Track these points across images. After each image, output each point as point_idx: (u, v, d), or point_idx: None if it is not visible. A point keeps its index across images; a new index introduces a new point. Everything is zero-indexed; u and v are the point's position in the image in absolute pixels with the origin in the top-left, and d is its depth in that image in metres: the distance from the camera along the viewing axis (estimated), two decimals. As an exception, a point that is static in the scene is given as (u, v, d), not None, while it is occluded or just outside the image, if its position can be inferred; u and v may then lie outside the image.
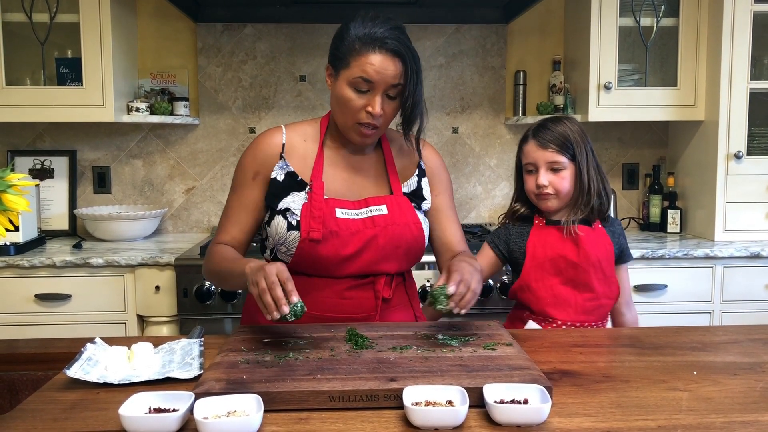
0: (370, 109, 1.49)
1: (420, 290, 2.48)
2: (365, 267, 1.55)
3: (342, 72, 1.50)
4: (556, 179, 1.76)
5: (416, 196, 1.65)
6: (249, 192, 1.59)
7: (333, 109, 1.58)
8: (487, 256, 1.88)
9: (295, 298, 1.27)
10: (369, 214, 1.56)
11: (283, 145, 1.59)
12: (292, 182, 1.57)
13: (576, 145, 1.75)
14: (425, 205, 1.66)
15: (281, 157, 1.58)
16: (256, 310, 1.61)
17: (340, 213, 1.54)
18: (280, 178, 1.57)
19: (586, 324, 1.76)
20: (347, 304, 1.56)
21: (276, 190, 1.57)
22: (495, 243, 1.87)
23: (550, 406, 1.03)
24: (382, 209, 1.57)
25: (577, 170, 1.76)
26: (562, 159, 1.75)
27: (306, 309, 1.32)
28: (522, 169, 1.85)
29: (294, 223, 1.53)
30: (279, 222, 1.54)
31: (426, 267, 2.52)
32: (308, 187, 1.56)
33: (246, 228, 1.62)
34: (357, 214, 1.55)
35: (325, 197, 1.55)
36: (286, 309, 1.26)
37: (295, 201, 1.55)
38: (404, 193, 1.63)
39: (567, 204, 1.79)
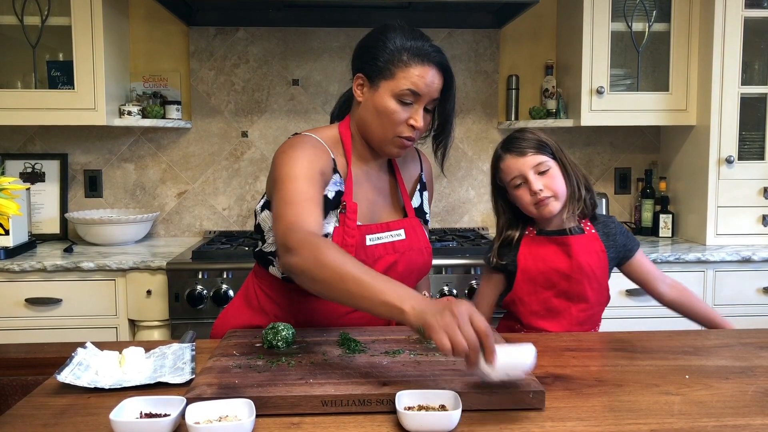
0: (413, 122, 1.47)
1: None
2: None
3: (384, 83, 1.46)
4: (548, 180, 1.68)
5: (420, 211, 1.66)
6: (318, 188, 1.42)
7: (367, 121, 1.50)
8: (495, 281, 1.80)
9: (494, 359, 1.07)
10: (390, 239, 1.54)
11: (333, 159, 1.50)
12: (336, 202, 1.48)
13: (551, 144, 1.71)
14: (427, 219, 1.69)
15: (336, 171, 1.49)
16: (233, 325, 1.59)
17: (368, 240, 1.50)
18: (331, 195, 1.47)
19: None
20: (355, 324, 1.54)
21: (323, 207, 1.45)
22: (494, 263, 1.79)
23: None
24: (401, 234, 1.56)
25: (561, 166, 1.71)
26: (545, 158, 1.69)
27: (296, 335, 1.37)
28: (501, 193, 1.77)
29: None
30: None
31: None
32: (341, 208, 1.49)
33: (322, 226, 1.39)
34: (379, 239, 1.52)
35: (358, 223, 1.49)
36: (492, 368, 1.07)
37: (329, 224, 1.47)
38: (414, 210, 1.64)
39: (565, 203, 1.72)
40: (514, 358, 1.09)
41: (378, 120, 1.48)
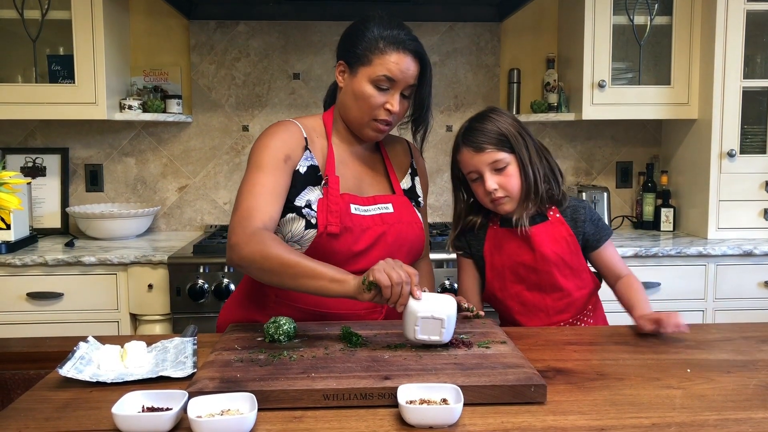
0: (389, 106, 1.53)
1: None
2: (373, 264, 1.55)
3: (362, 69, 1.52)
4: (503, 179, 1.61)
5: (412, 193, 1.69)
6: (282, 175, 1.50)
7: (346, 106, 1.57)
8: (468, 268, 1.78)
9: (418, 292, 1.30)
10: (378, 212, 1.58)
11: (305, 138, 1.57)
12: (313, 176, 1.55)
13: (511, 136, 1.61)
14: (420, 201, 1.71)
15: (307, 148, 1.57)
16: (235, 318, 1.61)
17: (353, 209, 1.55)
18: (303, 170, 1.54)
19: (562, 323, 1.69)
20: (350, 306, 1.55)
21: (296, 183, 1.53)
22: (464, 252, 1.77)
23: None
24: (389, 207, 1.60)
25: (519, 162, 1.62)
26: (503, 155, 1.61)
27: (297, 329, 1.39)
28: (462, 180, 1.71)
29: (313, 222, 1.51)
30: (294, 219, 1.52)
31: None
32: (324, 181, 1.55)
33: (278, 215, 1.49)
34: (366, 211, 1.57)
35: (341, 192, 1.55)
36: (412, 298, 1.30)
37: (312, 196, 1.53)
38: (403, 191, 1.67)
39: (519, 201, 1.65)
40: (437, 300, 1.30)
41: (356, 104, 1.55)
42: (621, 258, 1.75)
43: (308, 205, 1.52)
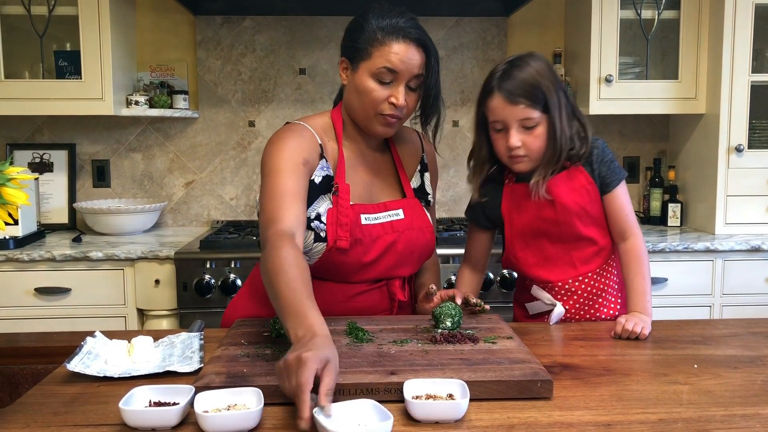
0: (393, 100, 1.47)
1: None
2: (383, 272, 1.54)
3: (362, 63, 1.47)
4: (529, 138, 1.51)
5: (422, 192, 1.66)
6: (302, 177, 1.44)
7: (351, 103, 1.52)
8: (478, 235, 1.74)
9: (325, 401, 0.98)
10: (388, 219, 1.54)
11: (320, 144, 1.51)
12: (326, 185, 1.50)
13: (547, 92, 1.50)
14: (429, 200, 1.68)
15: (322, 156, 1.50)
16: (242, 314, 1.59)
17: (364, 219, 1.50)
18: (318, 180, 1.48)
19: (590, 273, 1.61)
20: (360, 306, 1.54)
21: (310, 193, 1.47)
22: (476, 219, 1.72)
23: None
24: (399, 214, 1.56)
25: (550, 123, 1.51)
26: (535, 114, 1.49)
27: None
28: (484, 124, 1.59)
29: (322, 235, 1.46)
30: (305, 233, 1.46)
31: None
32: (334, 190, 1.50)
33: (304, 214, 1.41)
34: (376, 219, 1.52)
35: (351, 203, 1.50)
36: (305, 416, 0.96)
37: (322, 207, 1.48)
38: (413, 191, 1.64)
39: (538, 165, 1.55)
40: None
41: (359, 100, 1.49)
42: (630, 211, 1.64)
43: (318, 218, 1.47)
